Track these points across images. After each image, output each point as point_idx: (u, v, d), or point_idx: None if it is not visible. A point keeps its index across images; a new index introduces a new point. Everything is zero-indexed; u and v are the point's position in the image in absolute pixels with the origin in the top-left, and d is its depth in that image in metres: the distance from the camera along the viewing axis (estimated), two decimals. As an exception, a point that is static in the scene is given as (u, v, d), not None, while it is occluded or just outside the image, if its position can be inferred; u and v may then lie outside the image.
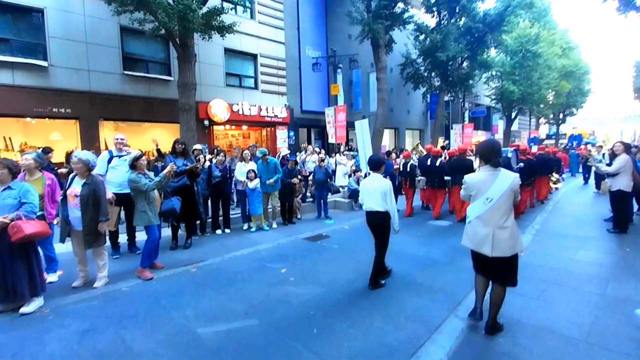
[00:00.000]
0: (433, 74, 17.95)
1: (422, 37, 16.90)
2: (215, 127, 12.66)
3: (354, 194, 8.75)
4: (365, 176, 5.09)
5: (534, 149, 12.40)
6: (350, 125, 13.18)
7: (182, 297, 3.57)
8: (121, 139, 5.37)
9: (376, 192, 3.67)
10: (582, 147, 17.28)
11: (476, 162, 5.04)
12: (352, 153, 12.09)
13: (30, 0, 8.73)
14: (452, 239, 5.69)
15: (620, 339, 2.65)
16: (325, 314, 3.17)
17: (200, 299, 3.51)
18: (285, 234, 6.30)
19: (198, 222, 5.99)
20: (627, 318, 2.93)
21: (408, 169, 8.02)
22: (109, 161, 4.89)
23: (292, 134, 14.56)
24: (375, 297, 3.53)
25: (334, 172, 9.98)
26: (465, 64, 17.99)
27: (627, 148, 5.86)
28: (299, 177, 7.64)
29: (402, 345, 2.64)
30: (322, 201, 7.62)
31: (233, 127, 13.75)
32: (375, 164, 3.83)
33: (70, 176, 3.87)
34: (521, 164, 7.15)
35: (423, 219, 7.52)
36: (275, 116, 13.71)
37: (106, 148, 9.85)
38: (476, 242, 2.72)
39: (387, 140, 19.85)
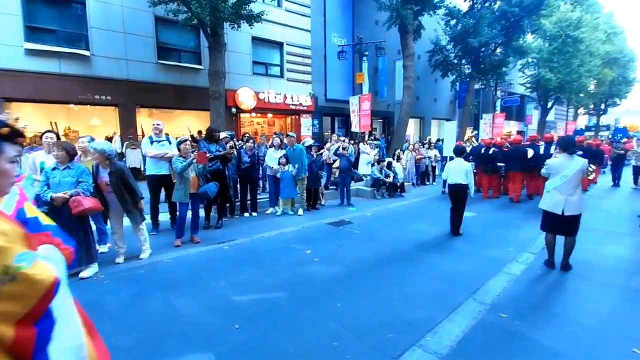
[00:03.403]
0: (464, 61, 17.38)
1: (453, 22, 16.34)
2: (242, 115, 13.04)
3: (376, 183, 8.85)
4: (450, 159, 6.68)
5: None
6: (374, 114, 13.14)
7: (217, 270, 3.92)
8: (158, 125, 5.79)
9: (461, 171, 5.29)
10: (627, 140, 15.98)
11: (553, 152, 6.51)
12: (376, 143, 12.10)
13: (74, -8, 9.30)
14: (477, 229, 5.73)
15: (636, 328, 2.70)
16: (347, 291, 3.39)
17: (233, 273, 3.84)
18: (310, 219, 6.56)
19: (229, 204, 6.36)
20: (650, 310, 2.95)
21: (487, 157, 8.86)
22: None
23: (316, 122, 14.72)
24: (396, 279, 3.71)
25: (356, 160, 10.10)
26: (499, 50, 17.25)
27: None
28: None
29: (420, 321, 2.82)
30: (345, 189, 7.79)
31: (259, 114, 14.08)
32: (459, 151, 5.56)
33: (94, 165, 4.04)
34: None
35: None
36: (300, 104, 13.90)
37: (143, 134, 10.49)
38: (552, 205, 3.86)
39: (412, 130, 19.55)
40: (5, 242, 0.86)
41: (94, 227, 4.08)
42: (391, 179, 8.94)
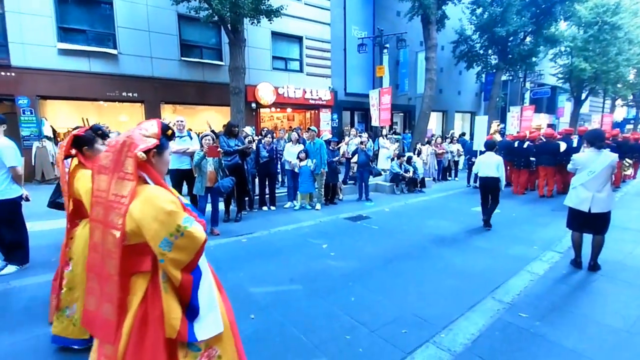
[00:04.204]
0: (490, 51, 16.67)
1: (479, 10, 15.68)
2: (261, 110, 13.19)
3: (395, 178, 8.73)
4: (481, 153, 6.70)
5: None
6: (395, 108, 12.89)
7: (235, 261, 4.03)
8: (181, 121, 5.98)
9: (492, 164, 5.38)
10: None
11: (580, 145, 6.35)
12: (395, 137, 11.91)
13: (102, -8, 9.68)
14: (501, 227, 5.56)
15: (673, 334, 2.54)
16: (362, 286, 3.40)
17: (250, 265, 3.93)
18: (327, 213, 6.58)
19: (247, 198, 6.49)
20: (686, 315, 2.77)
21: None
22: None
23: (335, 116, 14.66)
24: (412, 275, 3.67)
25: (375, 155, 10.00)
26: (528, 39, 16.39)
27: None
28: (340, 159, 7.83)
29: (435, 318, 2.79)
30: (363, 183, 7.74)
31: (278, 109, 14.20)
32: (490, 145, 5.65)
33: None
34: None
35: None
36: (319, 99, 13.87)
37: (167, 129, 10.83)
38: (578, 202, 3.69)
39: (434, 123, 19.03)
40: (176, 207, 1.30)
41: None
42: (410, 174, 8.79)
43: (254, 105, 12.32)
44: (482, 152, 6.44)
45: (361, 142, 7.80)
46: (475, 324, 2.71)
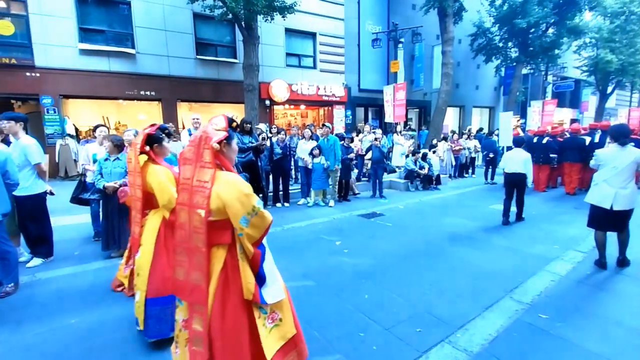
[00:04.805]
0: (509, 43, 16.15)
1: (498, 2, 15.20)
2: (275, 107, 13.23)
3: (410, 175, 8.60)
4: (507, 149, 6.69)
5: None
6: (409, 104, 12.67)
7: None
8: (197, 119, 6.08)
9: (520, 160, 5.32)
10: None
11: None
12: (410, 133, 11.73)
13: (120, -7, 9.90)
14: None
15: None
16: (376, 283, 3.37)
17: (264, 261, 3.95)
18: (341, 210, 6.56)
19: (261, 195, 6.53)
20: None
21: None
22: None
23: (349, 113, 14.56)
24: (427, 273, 3.61)
25: (389, 151, 9.88)
26: (550, 30, 15.75)
27: None
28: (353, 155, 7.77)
29: (451, 317, 2.73)
30: (377, 180, 7.67)
31: (292, 106, 14.20)
32: (518, 142, 5.66)
33: None
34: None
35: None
36: (333, 95, 13.80)
37: (183, 127, 11.04)
38: (600, 199, 3.57)
39: (451, 119, 18.61)
40: (250, 191, 1.60)
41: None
42: (425, 171, 8.65)
43: (267, 102, 12.38)
44: (509, 148, 6.43)
45: (375, 139, 7.72)
46: (492, 324, 2.64)
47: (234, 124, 1.77)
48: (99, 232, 4.68)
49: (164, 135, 2.67)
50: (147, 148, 2.50)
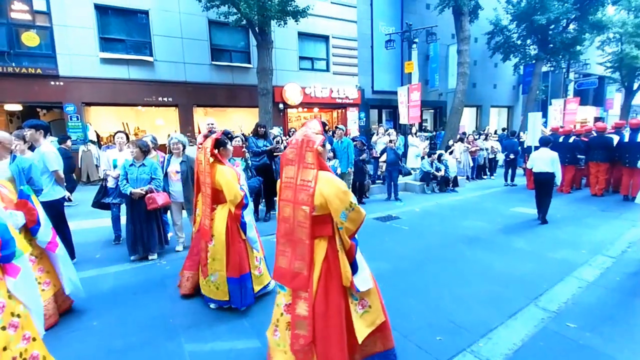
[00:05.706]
0: (528, 41, 15.70)
1: (515, -1, 14.82)
2: (289, 110, 13.31)
3: (426, 177, 8.44)
4: (535, 149, 6.76)
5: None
6: (424, 105, 12.46)
7: (267, 259, 4.06)
8: (211, 124, 6.15)
9: (547, 159, 5.29)
10: None
11: None
12: (425, 134, 11.55)
13: (138, 3, 10.20)
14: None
15: None
16: (393, 288, 3.29)
17: (279, 265, 3.94)
18: (355, 212, 6.48)
19: (276, 198, 6.55)
20: None
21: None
22: (204, 142, 5.66)
23: (362, 115, 14.47)
24: (446, 278, 3.51)
25: (404, 153, 9.73)
26: (571, 26, 15.23)
27: None
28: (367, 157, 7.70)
29: (472, 325, 2.63)
30: (392, 183, 7.56)
31: (305, 109, 14.25)
32: (545, 142, 5.58)
33: (167, 157, 4.47)
34: None
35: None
36: (346, 97, 13.76)
37: (199, 131, 11.24)
38: None
39: (468, 119, 18.21)
40: (347, 188, 1.78)
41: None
42: (442, 173, 8.47)
43: (281, 105, 12.46)
44: (536, 148, 6.44)
45: (390, 141, 7.62)
46: (517, 333, 2.53)
47: (327, 127, 2.07)
48: (119, 235, 4.80)
49: (227, 139, 3.04)
50: (216, 151, 2.84)
